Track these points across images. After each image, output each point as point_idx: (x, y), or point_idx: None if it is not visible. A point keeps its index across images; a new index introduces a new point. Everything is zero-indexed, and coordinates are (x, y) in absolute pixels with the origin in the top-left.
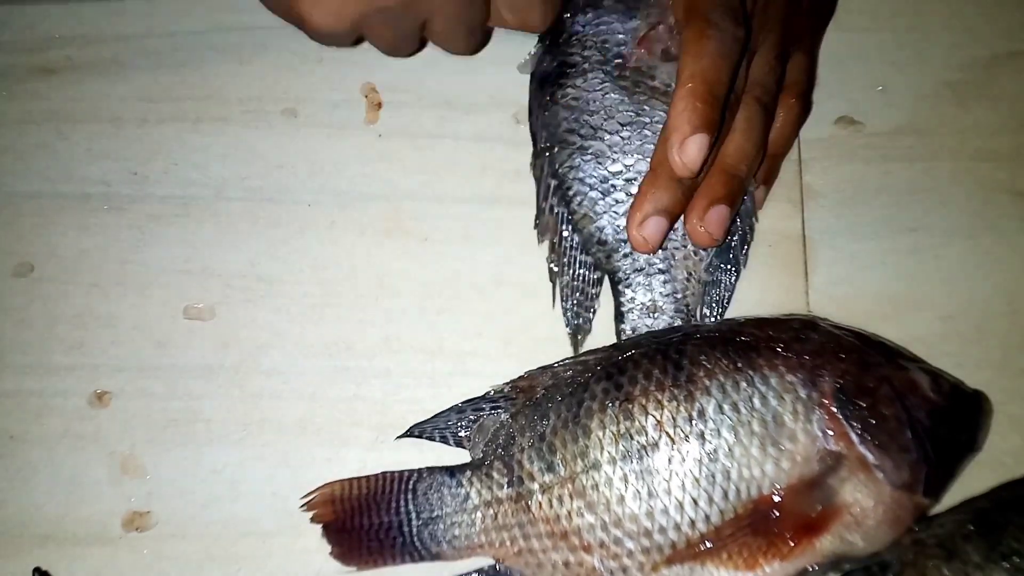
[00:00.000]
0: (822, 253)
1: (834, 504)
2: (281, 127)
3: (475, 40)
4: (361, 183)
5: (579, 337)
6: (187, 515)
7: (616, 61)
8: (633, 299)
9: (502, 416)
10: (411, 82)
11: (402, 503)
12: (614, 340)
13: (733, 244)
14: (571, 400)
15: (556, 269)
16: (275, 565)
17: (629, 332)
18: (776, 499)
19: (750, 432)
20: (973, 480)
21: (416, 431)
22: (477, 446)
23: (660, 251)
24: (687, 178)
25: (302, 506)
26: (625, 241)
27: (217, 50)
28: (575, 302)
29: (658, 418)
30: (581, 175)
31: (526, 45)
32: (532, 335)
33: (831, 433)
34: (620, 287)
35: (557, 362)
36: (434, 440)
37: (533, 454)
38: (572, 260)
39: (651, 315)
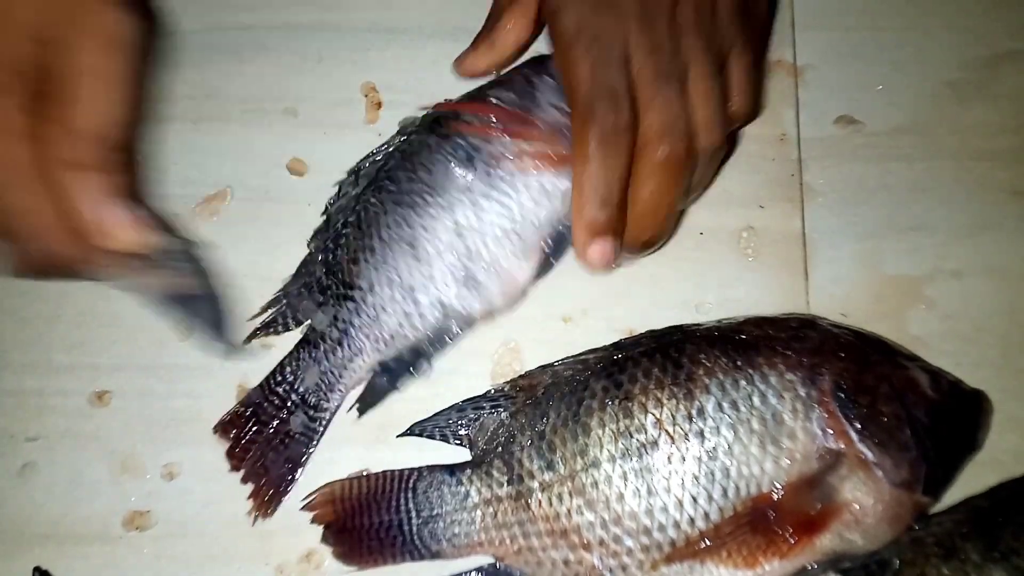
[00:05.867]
0: (822, 253)
1: (834, 502)
2: (281, 127)
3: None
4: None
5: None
6: (187, 515)
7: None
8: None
9: (502, 415)
10: (411, 82)
11: (402, 501)
12: (611, 341)
13: None
14: (571, 398)
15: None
16: (275, 565)
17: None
18: (776, 497)
19: (749, 430)
20: (972, 479)
21: (417, 429)
22: (477, 444)
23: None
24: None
25: (303, 506)
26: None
27: (217, 50)
28: None
29: (658, 416)
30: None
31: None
32: (532, 334)
33: (830, 431)
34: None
35: (557, 361)
36: (435, 439)
37: (533, 452)
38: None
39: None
